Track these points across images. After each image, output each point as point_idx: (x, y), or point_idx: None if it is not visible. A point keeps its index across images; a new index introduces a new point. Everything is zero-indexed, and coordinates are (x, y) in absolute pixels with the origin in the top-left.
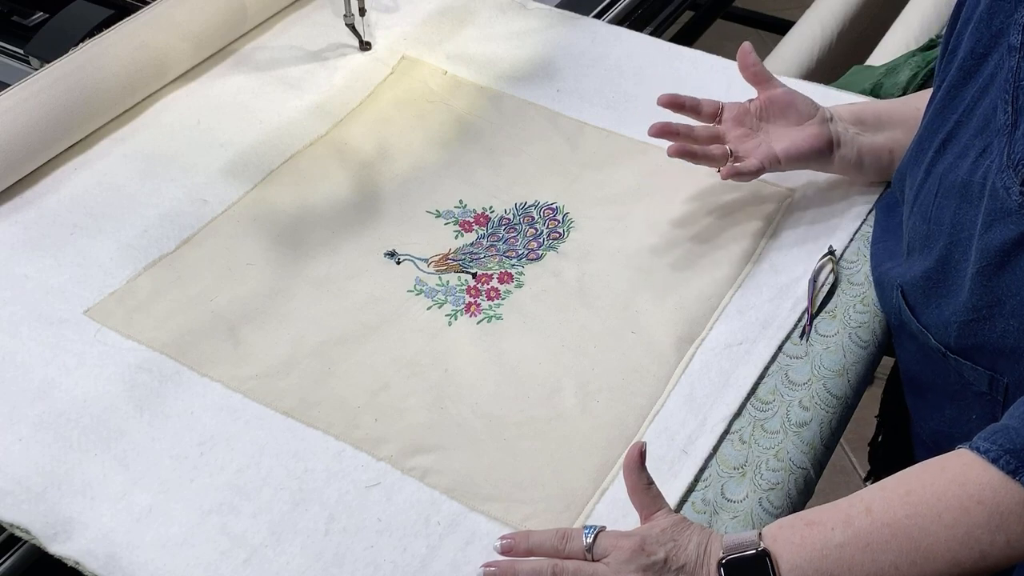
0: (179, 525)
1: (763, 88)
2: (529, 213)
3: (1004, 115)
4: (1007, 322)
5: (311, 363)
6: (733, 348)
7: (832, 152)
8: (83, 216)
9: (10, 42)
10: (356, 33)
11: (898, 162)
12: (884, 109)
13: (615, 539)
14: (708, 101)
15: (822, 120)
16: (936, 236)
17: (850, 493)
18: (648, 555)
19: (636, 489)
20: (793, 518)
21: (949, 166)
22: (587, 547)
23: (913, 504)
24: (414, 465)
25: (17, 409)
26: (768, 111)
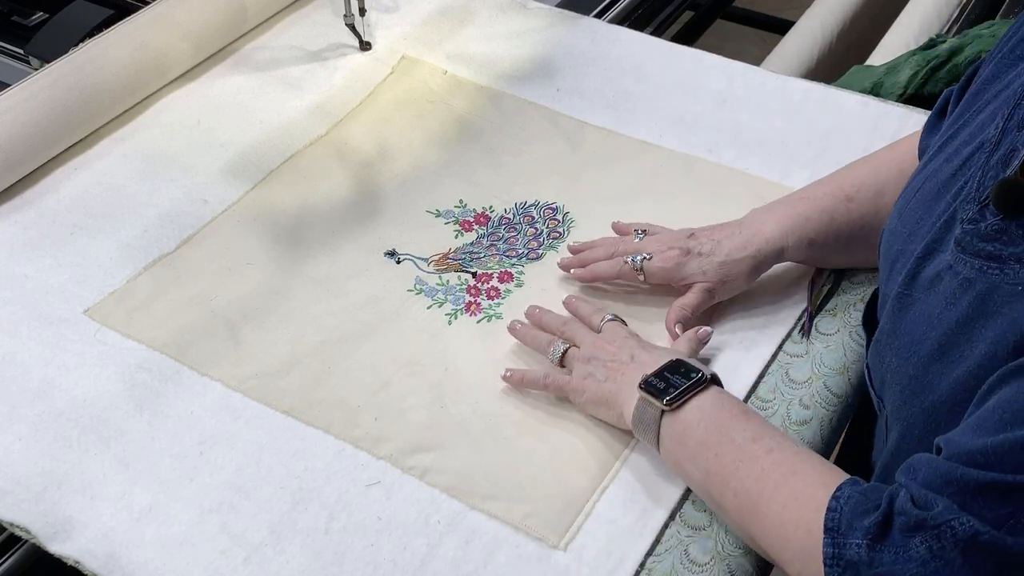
0: (179, 524)
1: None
2: (529, 212)
3: (994, 130)
4: (892, 357)
5: (311, 362)
6: (733, 347)
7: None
8: (83, 216)
9: (10, 42)
10: (356, 33)
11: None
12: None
13: (616, 325)
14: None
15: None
16: (897, 237)
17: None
18: (624, 337)
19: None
20: (738, 401)
21: (939, 167)
22: (598, 324)
23: (793, 491)
24: (414, 464)
25: (17, 409)
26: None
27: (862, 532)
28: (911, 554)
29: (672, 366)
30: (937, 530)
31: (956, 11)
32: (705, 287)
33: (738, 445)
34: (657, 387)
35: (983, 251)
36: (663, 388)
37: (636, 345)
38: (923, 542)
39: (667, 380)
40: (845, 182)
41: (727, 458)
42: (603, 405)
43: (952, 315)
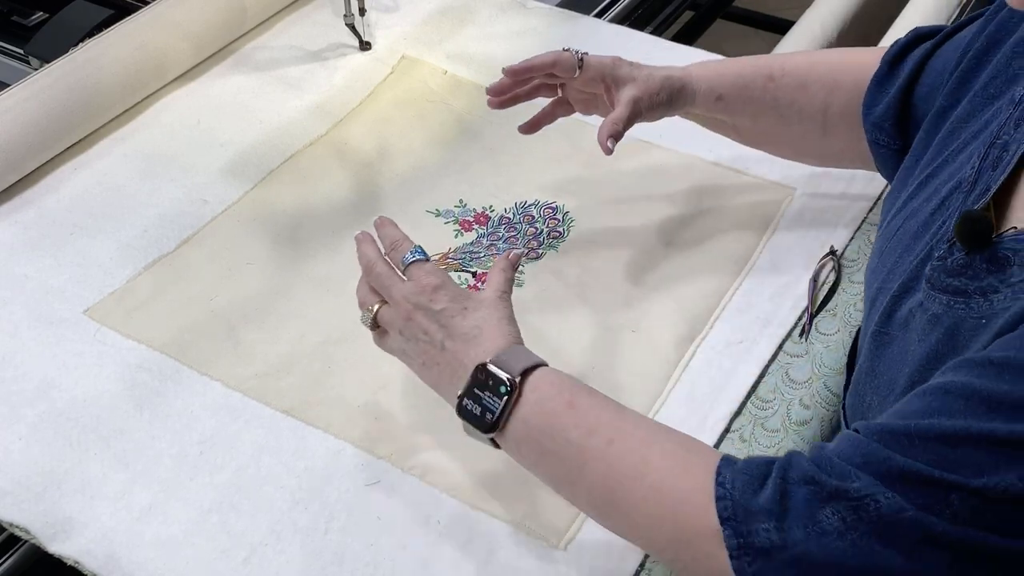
0: (179, 524)
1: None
2: (529, 212)
3: (970, 170)
4: (872, 396)
5: (311, 362)
6: (733, 346)
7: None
8: (83, 216)
9: (10, 42)
10: (356, 33)
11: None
12: (755, 91)
13: (423, 273)
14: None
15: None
16: (877, 275)
17: None
18: (430, 300)
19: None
20: (562, 386)
21: (919, 206)
22: (403, 263)
23: (652, 484)
24: (414, 464)
25: (17, 409)
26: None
27: (763, 513)
28: (823, 526)
29: (478, 379)
30: (856, 502)
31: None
32: (632, 95)
33: (576, 445)
34: (474, 413)
35: (950, 286)
36: (479, 413)
37: (445, 315)
38: (835, 513)
39: (480, 401)
40: (776, 63)
41: (571, 462)
42: (435, 391)
43: (922, 351)
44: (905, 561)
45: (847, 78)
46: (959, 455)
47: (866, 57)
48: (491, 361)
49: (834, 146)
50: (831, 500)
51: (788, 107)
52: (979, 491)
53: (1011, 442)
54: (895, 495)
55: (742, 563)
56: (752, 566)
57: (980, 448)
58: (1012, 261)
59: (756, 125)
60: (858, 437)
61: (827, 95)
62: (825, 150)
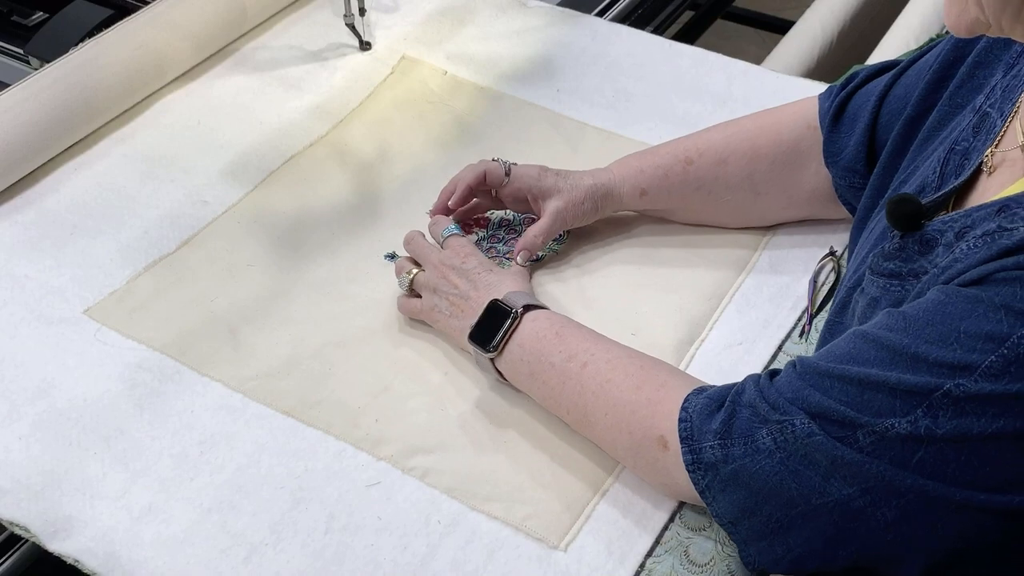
0: (179, 523)
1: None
2: (530, 215)
3: (933, 174)
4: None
5: (311, 364)
6: (733, 348)
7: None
8: (83, 216)
9: (10, 42)
10: (356, 33)
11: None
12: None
13: (458, 243)
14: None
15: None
16: (847, 273)
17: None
18: (463, 262)
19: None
20: (554, 320)
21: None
22: (443, 235)
23: (609, 399)
24: (414, 465)
25: (17, 408)
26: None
27: (712, 433)
28: (758, 445)
29: (489, 311)
30: (781, 425)
31: None
32: (556, 207)
33: (558, 368)
34: (481, 337)
35: (886, 270)
36: (486, 337)
37: (474, 272)
38: (769, 434)
39: (486, 327)
40: (692, 145)
41: (552, 382)
42: (453, 339)
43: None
44: (822, 481)
45: (764, 141)
46: (866, 398)
47: (781, 117)
48: (502, 298)
49: (771, 205)
50: (766, 423)
51: (713, 184)
52: (877, 430)
53: (903, 390)
54: (810, 422)
55: (696, 476)
56: (704, 479)
57: (881, 393)
58: (939, 241)
59: (688, 208)
60: (794, 374)
61: (748, 163)
62: (763, 211)
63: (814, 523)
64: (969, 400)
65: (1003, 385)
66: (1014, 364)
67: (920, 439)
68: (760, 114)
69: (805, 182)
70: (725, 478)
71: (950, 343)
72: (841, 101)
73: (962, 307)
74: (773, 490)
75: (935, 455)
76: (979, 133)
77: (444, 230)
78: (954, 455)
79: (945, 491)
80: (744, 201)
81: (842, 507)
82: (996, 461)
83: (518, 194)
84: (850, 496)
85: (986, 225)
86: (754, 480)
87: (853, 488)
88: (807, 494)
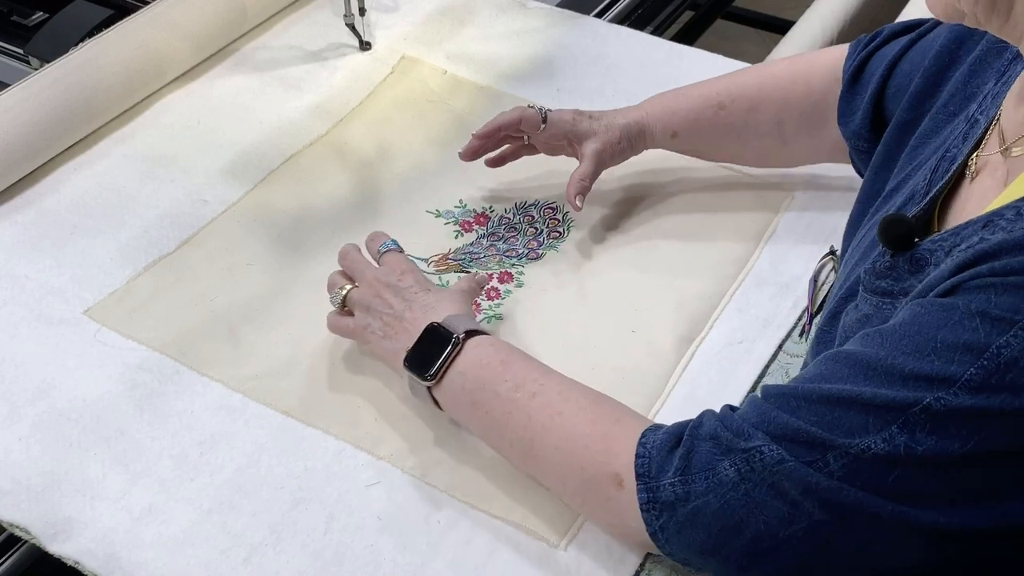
0: (179, 524)
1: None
2: (529, 212)
3: (923, 182)
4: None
5: (311, 363)
6: (733, 347)
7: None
8: (83, 216)
9: (10, 42)
10: (356, 33)
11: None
12: (705, 126)
13: (394, 260)
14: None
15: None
16: (838, 282)
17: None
18: (398, 280)
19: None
20: (499, 348)
21: (882, 217)
22: (379, 252)
23: (561, 432)
24: (414, 464)
25: (17, 409)
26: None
27: (673, 470)
28: (721, 478)
29: (428, 335)
30: (747, 454)
31: None
32: (594, 148)
33: (503, 398)
34: (417, 364)
35: (878, 288)
36: (423, 363)
37: (410, 291)
38: (732, 465)
39: (424, 352)
40: (725, 89)
41: (496, 412)
42: (386, 362)
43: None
44: (791, 511)
45: (796, 90)
46: (836, 416)
47: (814, 66)
48: (441, 322)
49: (797, 152)
50: (729, 453)
51: (743, 129)
52: (850, 451)
53: (876, 405)
54: (779, 448)
55: (651, 516)
56: (659, 519)
57: (853, 410)
58: (929, 261)
59: (716, 149)
60: (758, 399)
61: (779, 111)
62: (789, 157)
63: (781, 556)
64: (949, 415)
65: (984, 399)
66: (995, 376)
67: (896, 459)
68: (793, 60)
69: (830, 133)
70: (682, 519)
71: (927, 354)
72: (862, 60)
73: (937, 317)
74: (736, 527)
75: (913, 474)
76: (967, 139)
77: (381, 245)
78: (933, 473)
79: (923, 515)
80: (772, 146)
81: (811, 537)
82: (976, 479)
83: (553, 140)
84: (819, 523)
85: (971, 240)
86: (716, 518)
87: (823, 516)
88: (774, 526)
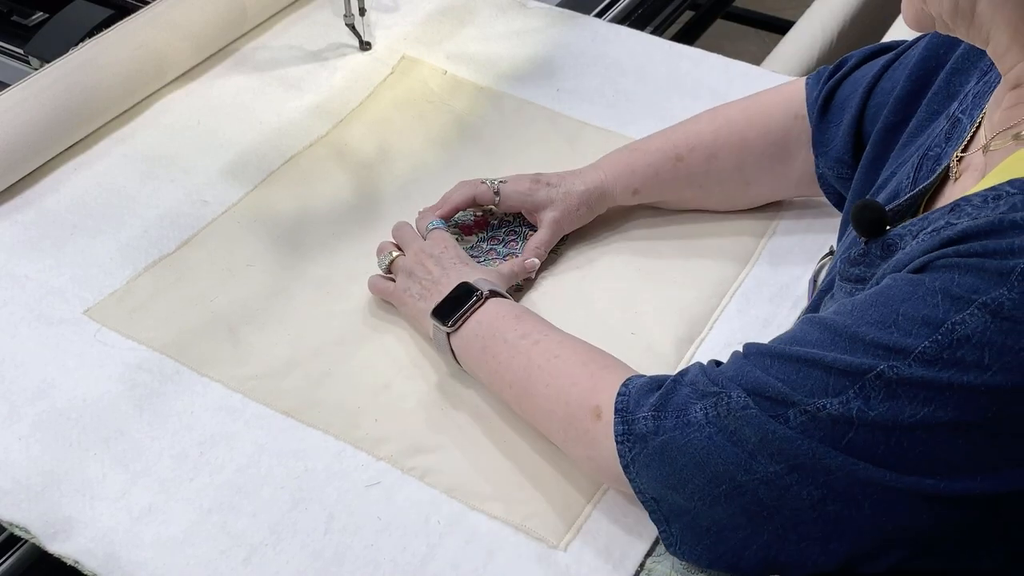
0: (179, 524)
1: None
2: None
3: (907, 180)
4: None
5: (311, 364)
6: (734, 347)
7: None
8: (83, 216)
9: (10, 42)
10: (356, 33)
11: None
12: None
13: (440, 235)
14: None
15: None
16: (828, 268)
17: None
18: (441, 252)
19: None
20: (516, 306)
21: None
22: (428, 228)
23: (553, 371)
24: (414, 465)
25: (17, 409)
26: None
27: (648, 407)
28: (690, 418)
29: (457, 291)
30: (716, 398)
31: None
32: (552, 217)
33: (510, 344)
34: (443, 312)
35: (852, 275)
36: (448, 313)
37: (450, 262)
38: (702, 409)
39: (451, 304)
40: (681, 140)
41: (502, 356)
42: (416, 321)
43: None
44: (748, 458)
45: (753, 133)
46: (801, 376)
47: (768, 106)
48: (472, 281)
49: (760, 192)
50: (703, 398)
51: (703, 178)
52: (808, 409)
53: (837, 369)
54: (746, 396)
55: (624, 447)
56: (631, 451)
57: (817, 371)
58: (898, 246)
59: (680, 199)
60: (739, 355)
61: (738, 156)
62: (753, 197)
63: (737, 500)
64: (901, 384)
65: (935, 372)
66: (947, 350)
67: (850, 421)
68: (747, 103)
69: (794, 170)
70: (651, 451)
71: (888, 325)
72: (830, 89)
73: (903, 290)
74: (698, 465)
75: (864, 437)
76: (951, 139)
77: (429, 223)
78: (883, 438)
79: (873, 473)
80: (734, 190)
81: (767, 484)
82: (924, 446)
83: (511, 211)
84: (776, 473)
85: (937, 223)
86: (680, 454)
87: (780, 465)
88: (732, 471)
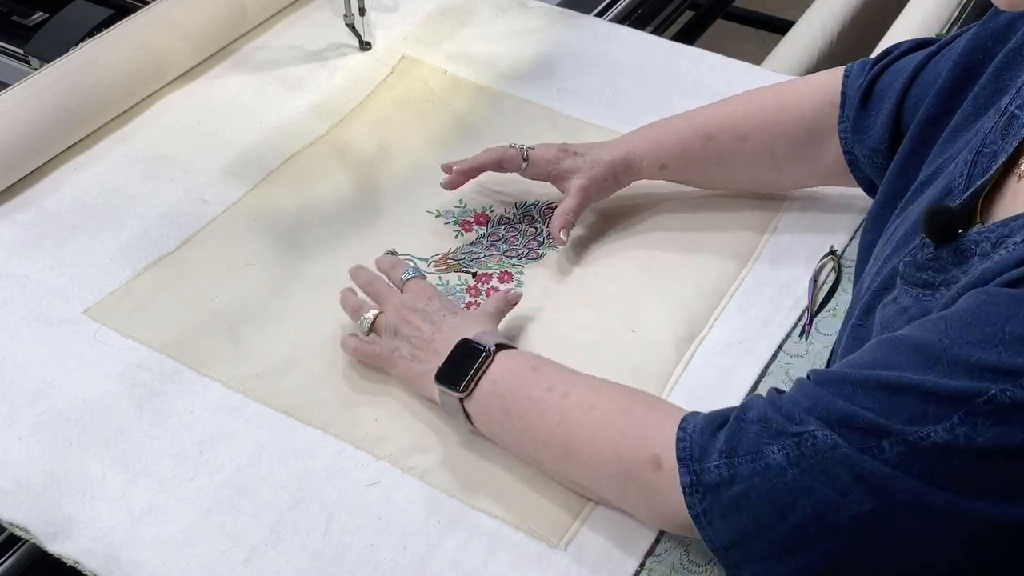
0: (179, 524)
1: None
2: (529, 212)
3: (960, 177)
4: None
5: (311, 363)
6: (733, 347)
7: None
8: (83, 216)
9: (10, 42)
10: (356, 33)
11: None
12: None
13: (419, 286)
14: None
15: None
16: (867, 276)
17: None
18: (426, 304)
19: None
20: (528, 355)
21: (912, 212)
22: (403, 279)
23: (594, 424)
24: (414, 464)
25: (17, 409)
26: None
27: (717, 452)
28: (768, 461)
29: (459, 350)
30: (798, 438)
31: (956, 11)
32: (580, 184)
33: (536, 399)
34: (449, 377)
35: (919, 280)
36: (456, 377)
37: (438, 315)
38: (780, 449)
39: (456, 366)
40: (713, 120)
41: (530, 415)
42: (413, 385)
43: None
44: (839, 497)
45: (786, 117)
46: (895, 403)
47: (803, 92)
48: (472, 337)
49: (789, 177)
50: (778, 437)
51: (732, 159)
52: (907, 438)
53: (938, 394)
54: (832, 434)
55: (693, 499)
56: (703, 502)
57: (913, 398)
58: (973, 252)
59: (706, 178)
60: (809, 383)
61: (769, 139)
62: (782, 182)
63: (825, 543)
64: (1015, 407)
65: None
66: None
67: (955, 449)
68: (779, 88)
69: (824, 157)
70: (727, 501)
71: (994, 345)
72: (872, 77)
73: (1006, 308)
74: (782, 511)
75: (969, 466)
76: (1008, 135)
77: (404, 272)
78: (990, 466)
79: (975, 507)
80: (763, 173)
81: (859, 524)
82: None
83: (538, 178)
84: (869, 512)
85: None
86: (762, 502)
87: (874, 504)
88: (822, 512)
